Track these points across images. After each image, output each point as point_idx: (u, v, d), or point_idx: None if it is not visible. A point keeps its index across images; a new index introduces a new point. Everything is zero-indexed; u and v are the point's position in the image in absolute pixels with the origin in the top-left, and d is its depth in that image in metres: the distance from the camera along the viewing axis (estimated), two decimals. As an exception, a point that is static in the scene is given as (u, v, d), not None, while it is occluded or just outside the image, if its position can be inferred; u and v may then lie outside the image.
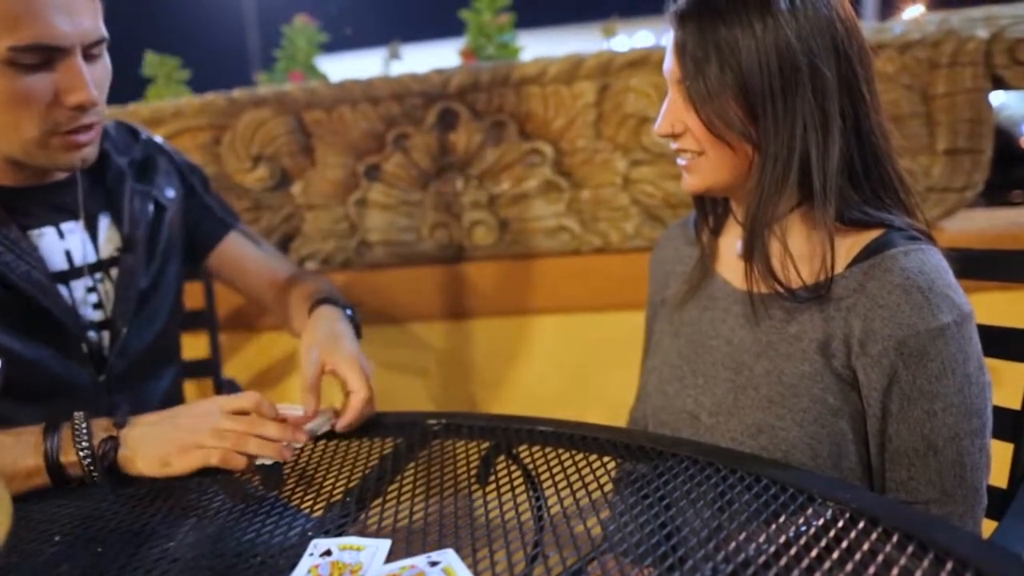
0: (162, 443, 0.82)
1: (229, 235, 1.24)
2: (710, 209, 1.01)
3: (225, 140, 1.83)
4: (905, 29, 1.58)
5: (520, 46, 2.22)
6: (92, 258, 1.04)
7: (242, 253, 1.24)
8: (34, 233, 0.99)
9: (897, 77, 1.58)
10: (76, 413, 0.82)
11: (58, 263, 1.00)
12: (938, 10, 1.70)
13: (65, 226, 1.02)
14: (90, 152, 0.97)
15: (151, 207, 1.12)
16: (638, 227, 1.75)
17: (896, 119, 1.57)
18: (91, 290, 1.03)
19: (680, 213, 1.67)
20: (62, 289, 1.00)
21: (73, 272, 1.02)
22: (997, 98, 1.69)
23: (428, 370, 1.87)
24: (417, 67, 1.82)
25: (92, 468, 0.80)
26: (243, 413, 0.87)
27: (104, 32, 0.92)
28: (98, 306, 1.04)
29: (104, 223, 1.07)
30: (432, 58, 2.04)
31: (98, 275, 1.05)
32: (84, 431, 0.80)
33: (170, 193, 1.16)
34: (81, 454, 0.79)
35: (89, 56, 0.90)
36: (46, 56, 0.86)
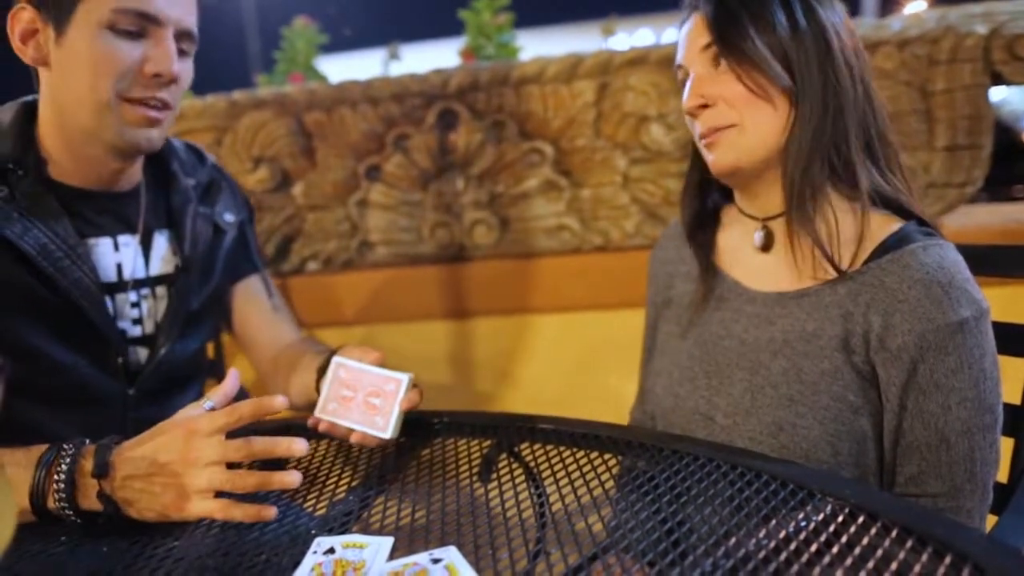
0: (154, 498, 0.72)
1: (251, 277, 1.22)
2: (699, 209, 1.00)
3: (226, 142, 1.83)
4: (904, 25, 1.58)
5: (519, 46, 2.22)
6: (141, 274, 1.04)
7: (255, 301, 1.22)
8: (90, 241, 0.99)
9: (896, 73, 1.58)
10: (63, 450, 0.74)
11: (108, 275, 1.00)
12: (938, 6, 1.70)
13: (121, 238, 1.03)
14: (158, 135, 0.98)
15: (211, 230, 1.12)
16: (638, 225, 1.75)
17: (895, 115, 1.57)
18: (134, 305, 1.03)
19: (680, 211, 1.67)
20: (107, 301, 0.99)
21: (120, 285, 1.02)
22: (999, 93, 1.69)
23: (430, 369, 1.87)
24: (416, 67, 1.82)
25: (76, 519, 0.73)
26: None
27: (195, 31, 0.97)
28: (137, 321, 1.03)
29: (160, 240, 1.08)
30: (431, 58, 2.04)
31: (144, 291, 1.04)
32: (64, 480, 0.72)
33: (229, 218, 1.17)
34: (62, 506, 0.72)
35: (179, 51, 0.95)
36: (141, 25, 0.91)
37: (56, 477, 0.72)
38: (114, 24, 0.90)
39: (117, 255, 1.02)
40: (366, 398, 0.85)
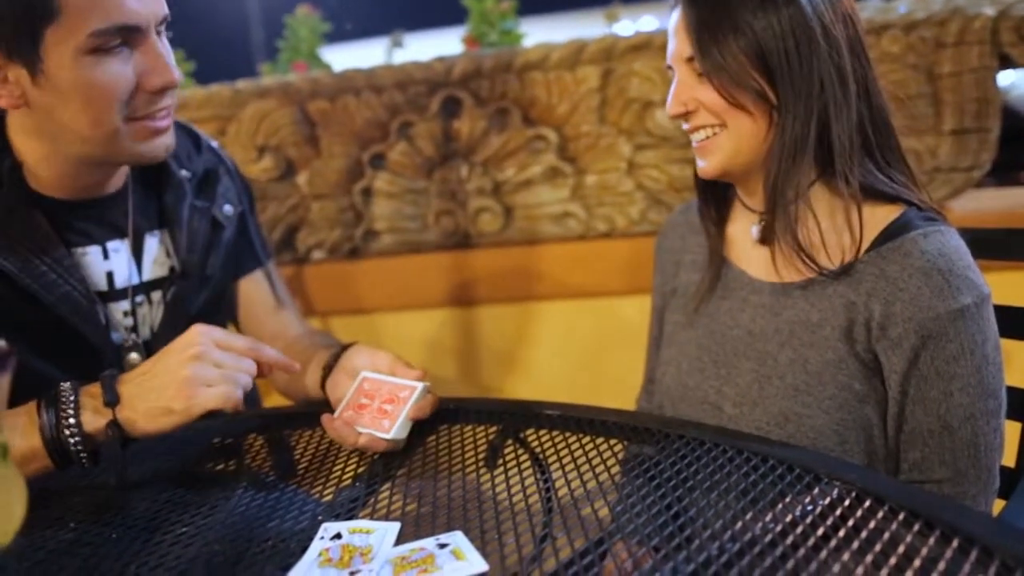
0: (159, 393, 0.76)
1: (255, 272, 1.17)
2: (711, 198, 1.00)
3: (230, 131, 1.83)
4: (910, 8, 1.57)
5: (523, 32, 2.21)
6: (135, 280, 0.99)
7: (259, 296, 1.17)
8: (78, 251, 0.95)
9: (903, 57, 1.56)
10: (63, 385, 0.78)
11: (98, 284, 0.96)
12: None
13: (111, 245, 0.98)
14: (171, 139, 0.92)
15: (208, 226, 1.06)
16: (643, 212, 1.74)
17: (902, 99, 1.55)
18: (127, 314, 0.99)
19: (685, 197, 1.66)
20: (99, 312, 0.95)
21: (113, 294, 0.97)
22: (1007, 77, 1.67)
23: (435, 357, 1.88)
24: (420, 55, 1.81)
25: (81, 452, 0.76)
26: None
27: (167, 10, 0.89)
28: (132, 330, 0.99)
29: (151, 242, 1.02)
30: (435, 46, 2.03)
31: (138, 298, 1.00)
32: (72, 405, 0.76)
33: (228, 210, 1.09)
34: (71, 440, 0.75)
35: (158, 35, 0.88)
36: (125, 38, 0.83)
37: (64, 411, 0.76)
38: (95, 47, 0.81)
39: (107, 263, 0.97)
40: (380, 405, 0.86)
